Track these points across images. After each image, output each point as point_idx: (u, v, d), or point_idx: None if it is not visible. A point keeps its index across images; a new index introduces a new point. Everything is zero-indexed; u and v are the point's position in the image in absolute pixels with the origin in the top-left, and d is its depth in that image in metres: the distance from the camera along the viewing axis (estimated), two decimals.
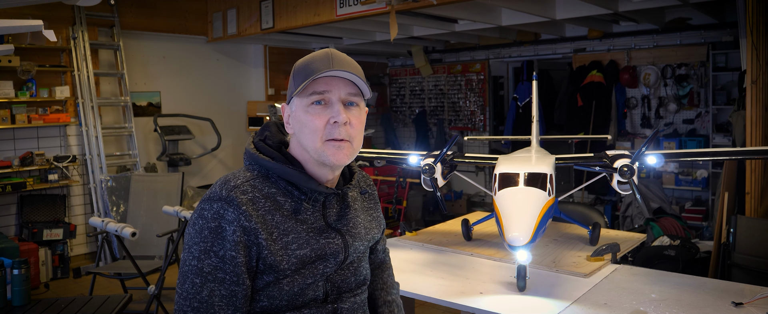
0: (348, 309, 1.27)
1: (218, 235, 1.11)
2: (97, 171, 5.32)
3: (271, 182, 1.20)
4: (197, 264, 1.11)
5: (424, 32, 6.02)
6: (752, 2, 3.37)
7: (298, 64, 1.25)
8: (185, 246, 1.15)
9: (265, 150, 1.24)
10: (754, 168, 3.33)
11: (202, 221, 1.13)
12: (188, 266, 1.12)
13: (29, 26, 3.51)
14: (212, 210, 1.13)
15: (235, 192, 1.14)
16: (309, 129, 1.20)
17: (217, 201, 1.13)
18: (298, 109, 1.22)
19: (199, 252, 1.11)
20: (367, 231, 1.35)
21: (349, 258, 1.28)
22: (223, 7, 6.10)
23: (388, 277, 1.50)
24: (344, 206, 1.30)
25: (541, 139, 3.11)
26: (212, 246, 1.11)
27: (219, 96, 6.62)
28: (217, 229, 1.11)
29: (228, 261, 1.11)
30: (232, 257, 1.11)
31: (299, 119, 1.22)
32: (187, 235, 1.16)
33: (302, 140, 1.22)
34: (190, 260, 1.12)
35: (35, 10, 4.86)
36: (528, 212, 1.90)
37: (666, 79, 5.65)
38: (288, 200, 1.20)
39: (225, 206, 1.12)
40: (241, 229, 1.11)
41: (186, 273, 1.12)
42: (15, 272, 2.61)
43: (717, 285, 2.02)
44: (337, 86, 1.21)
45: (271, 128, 1.30)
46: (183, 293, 1.12)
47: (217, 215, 1.12)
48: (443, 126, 7.64)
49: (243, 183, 1.17)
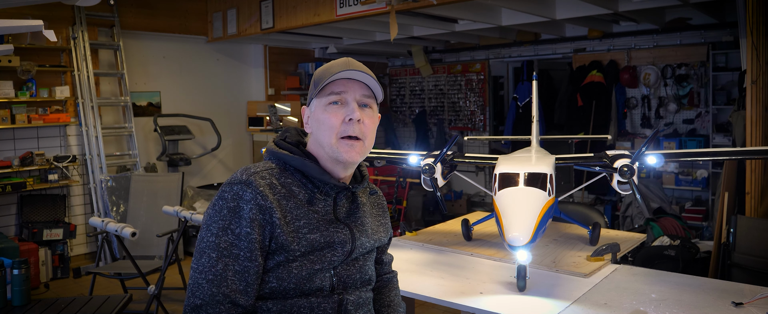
0: (353, 302, 1.32)
1: (236, 214, 1.20)
2: (97, 171, 5.32)
3: (288, 174, 1.31)
4: (215, 240, 1.19)
5: (424, 32, 6.02)
6: (752, 2, 3.37)
7: (318, 70, 1.37)
8: (204, 225, 1.23)
9: (284, 146, 1.35)
10: (754, 168, 3.33)
11: (222, 202, 1.22)
12: (206, 242, 1.20)
13: (29, 26, 3.51)
14: (232, 192, 1.22)
15: (254, 176, 1.24)
16: (326, 126, 1.31)
17: (238, 183, 1.23)
18: (317, 109, 1.34)
19: (218, 229, 1.20)
20: (374, 232, 1.43)
21: (355, 253, 1.34)
22: (223, 7, 6.10)
23: (395, 296, 1.56)
24: (354, 205, 1.40)
25: (541, 139, 3.11)
26: (229, 224, 1.20)
27: (219, 96, 6.62)
28: (235, 208, 1.20)
29: (243, 237, 1.19)
30: (248, 234, 1.19)
31: (318, 118, 1.33)
32: (206, 215, 1.24)
33: (319, 137, 1.33)
34: (208, 237, 1.20)
35: (35, 10, 4.86)
36: (528, 212, 1.90)
37: (666, 79, 5.64)
38: (302, 191, 1.30)
39: (244, 187, 1.22)
40: (257, 207, 1.20)
41: (203, 249, 1.20)
42: (15, 272, 2.61)
43: (717, 285, 2.02)
44: (353, 88, 1.33)
45: (290, 131, 1.42)
46: (199, 267, 1.19)
47: (236, 196, 1.21)
48: (443, 126, 7.63)
49: (262, 171, 1.27)
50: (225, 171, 6.66)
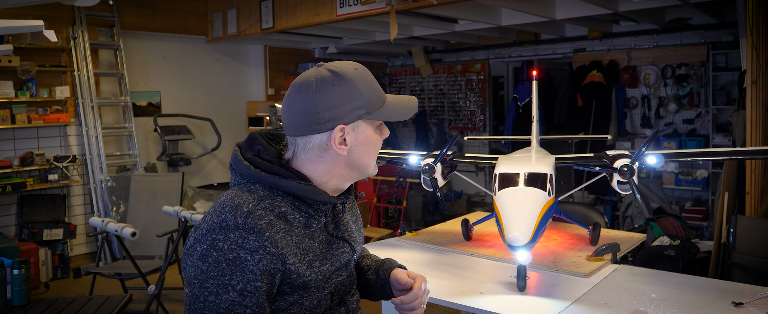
0: (355, 309, 1.31)
1: (237, 267, 1.03)
2: (97, 171, 5.32)
3: (278, 199, 1.14)
4: (214, 299, 1.03)
5: (424, 32, 6.02)
6: (752, 2, 3.37)
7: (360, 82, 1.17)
8: (193, 280, 1.05)
9: (267, 166, 1.16)
10: (754, 168, 3.33)
11: (217, 253, 1.04)
12: (203, 302, 1.03)
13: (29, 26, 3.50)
14: (228, 241, 1.04)
15: (252, 218, 1.06)
16: (376, 148, 1.25)
17: (234, 230, 1.05)
18: (369, 130, 1.21)
19: (217, 287, 1.03)
20: (359, 235, 1.39)
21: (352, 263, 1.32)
22: (223, 7, 6.10)
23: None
24: (336, 213, 1.30)
25: (541, 139, 3.11)
26: (230, 280, 1.03)
27: (219, 96, 6.62)
28: (235, 261, 1.03)
29: (249, 293, 1.04)
30: (256, 288, 1.04)
31: (370, 140, 1.22)
32: (195, 268, 1.06)
33: (364, 159, 1.22)
34: (206, 295, 1.03)
35: (35, 10, 4.86)
36: (528, 212, 1.90)
37: (666, 79, 5.65)
38: (297, 216, 1.15)
39: (244, 235, 1.04)
40: (267, 257, 1.05)
41: (201, 310, 1.04)
42: (15, 272, 2.61)
43: (717, 285, 2.02)
44: None
45: (260, 141, 1.22)
46: None
47: (235, 245, 1.04)
48: (443, 126, 7.64)
49: (256, 208, 1.09)
50: (225, 172, 6.66)
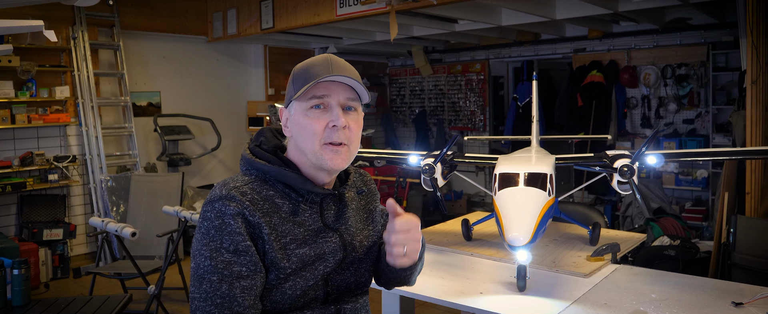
0: (350, 310, 1.28)
1: (223, 231, 1.13)
2: (97, 171, 5.32)
3: (268, 185, 1.22)
4: (211, 262, 1.12)
5: (424, 32, 6.02)
6: (752, 2, 3.37)
7: (297, 69, 1.26)
8: (195, 251, 1.16)
9: (262, 154, 1.25)
10: (754, 168, 3.33)
11: (207, 223, 1.15)
12: (202, 268, 1.13)
13: (29, 26, 3.51)
14: (214, 210, 1.15)
15: (233, 191, 1.16)
16: (308, 132, 1.21)
17: (218, 200, 1.15)
18: (298, 113, 1.23)
19: (210, 252, 1.13)
20: (363, 229, 1.35)
21: (349, 258, 1.28)
22: (223, 7, 6.10)
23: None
24: (342, 206, 1.30)
25: (541, 139, 3.11)
26: (221, 244, 1.13)
27: (219, 96, 6.62)
28: (221, 226, 1.13)
29: (241, 252, 1.13)
30: (248, 247, 1.13)
31: (298, 123, 1.23)
32: (195, 241, 1.17)
33: (301, 143, 1.23)
34: (203, 261, 1.13)
35: (35, 10, 4.86)
36: (528, 212, 1.90)
37: (666, 79, 5.65)
38: (286, 202, 1.21)
39: (225, 202, 1.14)
40: (245, 222, 1.14)
41: (201, 275, 1.13)
42: (15, 272, 2.61)
43: (717, 285, 2.02)
44: (337, 91, 1.22)
45: (265, 134, 1.32)
46: (202, 295, 1.12)
47: (219, 213, 1.14)
48: (443, 126, 7.64)
49: (242, 185, 1.18)
50: (225, 172, 6.66)
